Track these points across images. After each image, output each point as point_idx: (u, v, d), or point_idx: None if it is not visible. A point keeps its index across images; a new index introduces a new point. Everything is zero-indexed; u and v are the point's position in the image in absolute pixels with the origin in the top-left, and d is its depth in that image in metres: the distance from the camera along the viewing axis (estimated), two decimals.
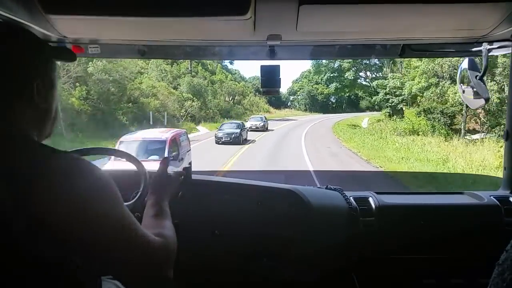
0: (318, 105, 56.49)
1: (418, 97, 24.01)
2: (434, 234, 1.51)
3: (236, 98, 38.48)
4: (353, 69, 34.53)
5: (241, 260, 1.49)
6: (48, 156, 0.71)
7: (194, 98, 28.20)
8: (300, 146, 16.64)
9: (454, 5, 1.06)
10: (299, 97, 59.11)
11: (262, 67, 1.44)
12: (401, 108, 26.21)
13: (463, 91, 1.48)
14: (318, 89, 54.40)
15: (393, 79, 27.56)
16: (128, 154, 1.47)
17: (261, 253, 1.48)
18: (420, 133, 21.19)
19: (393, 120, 25.96)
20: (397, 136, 20.87)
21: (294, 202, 1.47)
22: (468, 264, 1.51)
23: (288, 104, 59.71)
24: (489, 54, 1.40)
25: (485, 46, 1.39)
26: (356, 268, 1.55)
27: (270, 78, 1.44)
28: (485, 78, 1.42)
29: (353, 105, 58.50)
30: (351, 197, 1.56)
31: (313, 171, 9.09)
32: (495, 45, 1.39)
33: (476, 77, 1.40)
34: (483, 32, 1.29)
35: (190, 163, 1.58)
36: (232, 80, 42.27)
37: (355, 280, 1.54)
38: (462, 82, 1.48)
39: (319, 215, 1.47)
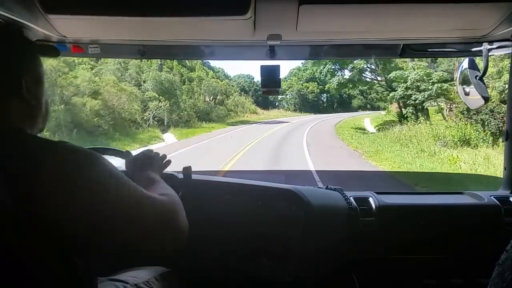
0: (309, 104, 52.31)
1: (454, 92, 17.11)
2: (434, 234, 1.51)
3: (218, 98, 31.78)
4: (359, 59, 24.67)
5: (241, 260, 1.49)
6: (45, 147, 0.71)
7: (161, 97, 21.98)
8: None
9: (454, 5, 1.06)
10: (288, 96, 54.25)
11: (262, 67, 1.44)
12: (426, 107, 19.91)
13: (463, 91, 1.48)
14: (308, 88, 51.06)
15: (416, 69, 19.61)
16: (129, 154, 1.47)
17: (261, 253, 1.48)
18: (476, 142, 13.30)
19: (421, 122, 17.69)
20: (443, 147, 13.19)
21: (294, 202, 1.47)
22: (468, 264, 1.51)
23: (276, 104, 53.76)
24: (489, 54, 1.40)
25: (485, 46, 1.39)
26: (356, 268, 1.55)
27: (270, 78, 1.45)
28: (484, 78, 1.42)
29: (345, 105, 55.98)
30: (351, 197, 1.56)
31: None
32: (495, 45, 1.39)
33: (476, 77, 1.40)
34: (483, 32, 1.29)
35: None
36: (214, 78, 35.65)
37: (355, 280, 1.54)
38: (462, 82, 1.48)
39: (319, 215, 1.47)
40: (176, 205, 0.86)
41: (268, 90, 1.46)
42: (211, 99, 30.48)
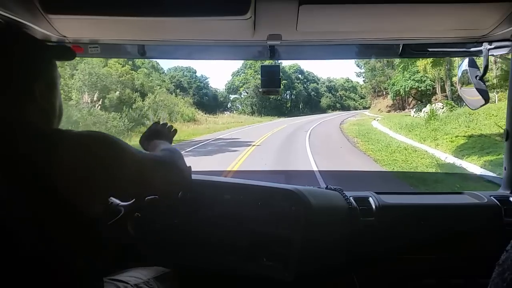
0: (270, 105, 41.07)
1: None
2: (434, 234, 1.51)
3: (110, 96, 17.83)
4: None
5: (241, 260, 1.49)
6: (60, 134, 0.76)
7: None
8: None
9: (454, 5, 1.06)
10: (242, 95, 42.21)
11: (262, 67, 1.44)
12: None
13: (463, 91, 1.48)
14: None
15: None
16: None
17: (261, 253, 1.48)
18: None
19: None
20: None
21: (294, 202, 1.47)
22: (468, 264, 1.51)
23: (229, 106, 42.71)
24: (489, 54, 1.40)
25: (485, 46, 1.39)
26: (356, 268, 1.55)
27: (270, 78, 1.45)
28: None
29: (313, 104, 47.39)
30: (351, 197, 1.56)
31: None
32: (495, 45, 1.39)
33: (476, 77, 1.40)
34: (483, 32, 1.29)
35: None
36: (119, 64, 20.91)
37: (355, 280, 1.54)
38: (462, 82, 1.48)
39: (319, 215, 1.47)
40: (174, 156, 0.97)
41: (268, 90, 1.47)
42: (93, 100, 16.52)
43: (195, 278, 1.48)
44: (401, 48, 1.49)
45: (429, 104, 17.76)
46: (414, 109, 20.86)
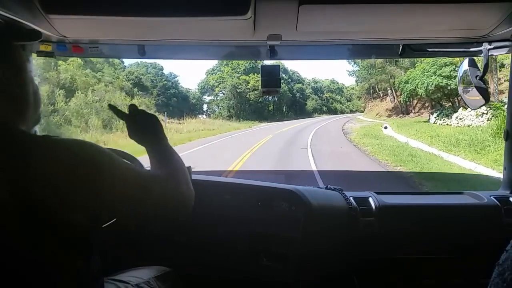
0: (250, 108, 34.80)
1: None
2: (434, 234, 1.51)
3: None
4: None
5: (241, 260, 1.49)
6: (31, 141, 0.70)
7: None
8: None
9: (454, 5, 1.07)
10: (218, 96, 37.18)
11: (262, 67, 1.45)
12: None
13: (464, 91, 1.48)
14: (249, 83, 32.71)
15: None
16: (127, 154, 1.47)
17: (261, 253, 1.48)
18: None
19: None
20: None
21: (294, 202, 1.47)
22: (468, 264, 1.51)
23: (205, 109, 37.54)
24: (489, 54, 1.40)
25: (485, 46, 1.39)
26: (356, 268, 1.55)
27: (270, 78, 1.45)
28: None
29: (298, 107, 42.85)
30: (351, 197, 1.56)
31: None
32: (495, 45, 1.39)
33: (476, 77, 1.40)
34: (483, 32, 1.29)
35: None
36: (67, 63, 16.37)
37: (355, 280, 1.54)
38: (462, 82, 1.48)
39: (319, 215, 1.47)
40: (179, 175, 0.87)
41: (268, 90, 1.47)
42: None
43: (195, 277, 1.48)
44: (401, 48, 1.49)
45: (461, 108, 12.82)
46: (436, 114, 15.76)
